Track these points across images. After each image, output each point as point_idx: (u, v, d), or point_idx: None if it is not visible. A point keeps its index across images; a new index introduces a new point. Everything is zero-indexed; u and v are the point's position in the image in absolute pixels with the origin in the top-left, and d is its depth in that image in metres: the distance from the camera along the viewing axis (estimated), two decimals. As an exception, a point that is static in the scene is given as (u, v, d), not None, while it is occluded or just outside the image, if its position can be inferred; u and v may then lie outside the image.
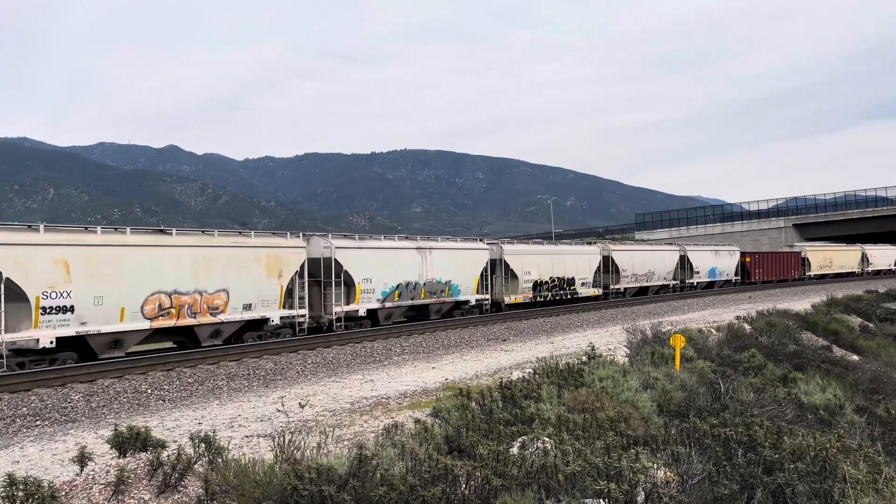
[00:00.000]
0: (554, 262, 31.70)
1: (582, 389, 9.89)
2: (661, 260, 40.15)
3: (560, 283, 31.80)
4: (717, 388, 10.98)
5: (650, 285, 39.02)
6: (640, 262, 38.15)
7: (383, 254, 23.83)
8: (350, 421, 10.02)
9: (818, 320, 25.56)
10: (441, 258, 25.68)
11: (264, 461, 6.65)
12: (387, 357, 17.47)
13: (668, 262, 40.70)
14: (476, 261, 27.46)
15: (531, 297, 30.04)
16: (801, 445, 6.74)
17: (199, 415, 11.03)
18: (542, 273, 30.65)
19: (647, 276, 38.62)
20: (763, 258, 51.17)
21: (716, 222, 77.78)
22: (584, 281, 33.53)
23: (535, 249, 31.94)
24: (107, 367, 14.81)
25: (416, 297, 24.64)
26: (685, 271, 42.39)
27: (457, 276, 26.20)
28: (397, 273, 23.75)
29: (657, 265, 39.45)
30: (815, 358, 17.70)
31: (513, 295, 29.18)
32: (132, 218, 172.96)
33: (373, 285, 22.84)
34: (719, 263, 45.74)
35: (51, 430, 10.59)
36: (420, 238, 25.92)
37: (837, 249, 61.09)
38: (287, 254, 20.28)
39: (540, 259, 30.99)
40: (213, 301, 18.13)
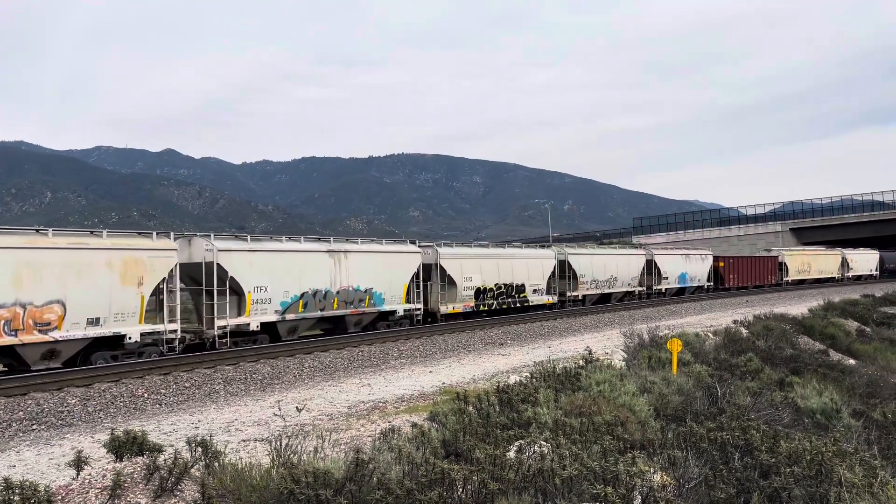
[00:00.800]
0: (500, 266, 28.93)
1: (579, 393, 9.90)
2: (625, 265, 37.22)
3: (508, 291, 29.06)
4: (713, 392, 11.00)
5: (613, 292, 36.22)
6: (601, 266, 35.31)
7: (282, 258, 20.62)
8: (347, 425, 10.01)
9: (815, 324, 25.61)
10: (360, 263, 22.60)
11: (261, 465, 6.64)
12: (384, 361, 17.46)
13: (633, 266, 37.83)
14: (405, 266, 24.39)
15: (473, 305, 27.40)
16: (797, 449, 6.75)
17: (196, 419, 11.02)
18: (485, 279, 27.99)
19: (609, 283, 35.80)
20: (738, 263, 48.76)
21: (713, 226, 77.91)
22: (537, 288, 30.71)
23: (478, 253, 28.96)
24: (104, 372, 14.78)
25: (328, 308, 21.46)
26: (652, 277, 39.61)
27: (380, 283, 23.19)
28: (301, 280, 20.70)
29: (620, 270, 36.59)
30: (811, 362, 17.73)
31: (451, 304, 26.54)
32: (129, 222, 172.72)
33: (268, 294, 19.74)
34: (690, 268, 42.95)
35: (47, 434, 10.56)
36: (334, 240, 22.94)
37: (816, 253, 59.07)
38: (150, 258, 17.14)
39: (483, 264, 28.26)
40: (42, 315, 15.08)
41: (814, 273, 56.70)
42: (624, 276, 36.92)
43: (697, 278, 43.71)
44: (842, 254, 61.11)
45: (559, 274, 32.54)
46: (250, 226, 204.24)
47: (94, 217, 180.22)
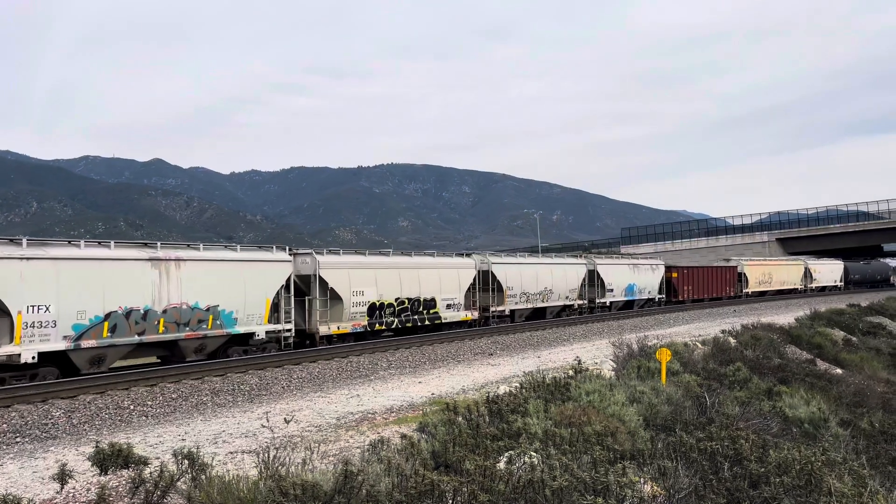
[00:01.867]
0: (404, 278, 24.80)
1: (569, 403, 9.88)
2: (562, 276, 33.49)
3: (413, 306, 25.05)
4: (702, 402, 11.02)
5: (547, 306, 32.49)
6: (532, 277, 31.50)
7: (75, 268, 16.01)
8: (336, 436, 9.94)
9: (802, 334, 25.77)
10: (199, 274, 18.15)
11: (248, 478, 6.57)
12: (373, 372, 17.38)
13: (572, 278, 34.14)
14: (267, 278, 19.95)
15: (365, 324, 23.18)
16: (786, 459, 6.76)
17: (183, 431, 10.90)
18: (383, 293, 23.81)
19: (543, 296, 32.08)
20: (693, 273, 45.26)
21: (700, 236, 78.40)
22: (451, 302, 26.77)
23: (373, 262, 24.43)
24: (89, 383, 14.61)
25: (151, 331, 17.10)
26: (595, 289, 35.96)
27: (230, 299, 18.74)
28: (107, 296, 16.29)
29: (556, 282, 32.87)
30: (799, 371, 17.83)
31: (335, 323, 22.24)
32: (116, 232, 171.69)
33: (52, 315, 15.31)
34: (639, 279, 39.47)
35: (31, 446, 10.41)
36: (162, 245, 18.50)
37: (778, 264, 56.71)
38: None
39: (380, 274, 24.01)
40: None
41: (775, 284, 54.12)
42: (560, 288, 33.18)
43: (647, 290, 40.34)
44: (805, 264, 59.02)
45: (481, 286, 28.77)
46: (238, 236, 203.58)
47: (81, 227, 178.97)
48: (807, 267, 58.61)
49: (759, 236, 74.79)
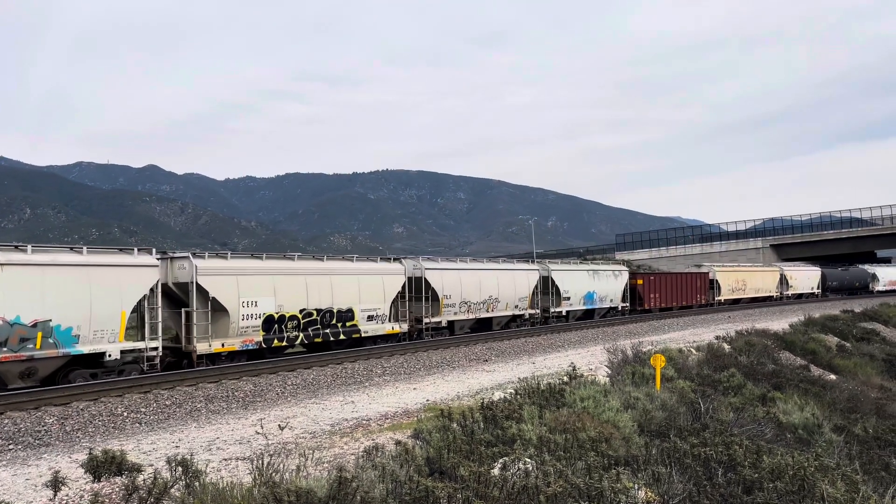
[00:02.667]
0: (313, 286, 21.24)
1: (563, 410, 9.89)
2: (510, 283, 30.18)
3: (325, 318, 21.61)
4: (697, 408, 11.04)
5: (493, 316, 29.40)
6: (474, 285, 28.17)
7: None
8: (330, 443, 9.93)
9: (796, 340, 25.85)
10: (23, 282, 15.00)
11: (242, 484, 6.55)
12: (368, 378, 17.36)
13: (522, 285, 30.87)
14: (123, 286, 16.75)
15: (259, 340, 19.70)
16: (779, 465, 6.79)
17: (177, 438, 10.87)
18: (284, 303, 20.33)
19: (488, 305, 28.90)
20: (660, 280, 42.29)
21: (695, 243, 78.65)
22: (374, 313, 23.35)
23: (271, 267, 20.57)
24: (82, 390, 14.55)
25: None
26: (550, 297, 32.93)
27: (70, 312, 15.63)
28: None
29: (504, 290, 29.64)
30: (793, 377, 17.89)
31: (220, 339, 18.80)
32: (110, 238, 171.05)
33: None
34: (599, 287, 36.30)
35: (24, 454, 10.37)
36: None
37: (752, 270, 53.85)
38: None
39: (281, 282, 20.38)
40: None
41: (749, 292, 51.31)
42: (509, 296, 29.94)
43: (609, 298, 37.14)
44: (780, 270, 56.34)
45: (414, 294, 25.71)
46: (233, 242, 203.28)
47: (75, 233, 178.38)
48: (783, 273, 56.04)
49: (753, 242, 75.07)
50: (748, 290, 51.07)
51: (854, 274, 66.42)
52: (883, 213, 70.35)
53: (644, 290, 39.96)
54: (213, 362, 18.67)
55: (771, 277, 54.78)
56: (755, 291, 51.97)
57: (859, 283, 66.46)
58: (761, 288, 52.99)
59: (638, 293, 39.68)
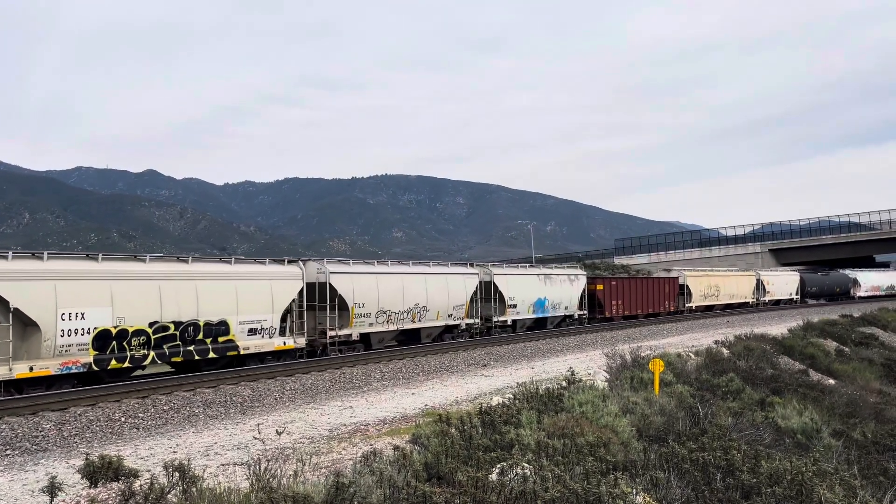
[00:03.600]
0: (168, 292, 17.50)
1: (562, 414, 9.87)
2: (442, 289, 26.31)
3: (188, 332, 17.77)
4: (695, 413, 11.03)
5: (422, 327, 25.63)
6: (395, 291, 24.24)
7: None
8: (328, 448, 9.91)
9: (795, 344, 25.84)
10: None
11: (240, 490, 6.54)
12: (366, 383, 17.34)
13: (457, 291, 27.08)
14: None
15: (88, 362, 15.82)
16: (778, 469, 6.78)
17: (174, 443, 10.85)
18: (126, 315, 16.54)
19: (414, 314, 25.04)
20: (623, 286, 38.80)
21: (694, 247, 78.71)
22: (259, 326, 19.61)
23: (108, 271, 16.71)
24: (79, 395, 14.52)
25: None
26: (493, 305, 29.12)
27: None
28: None
29: (434, 296, 25.89)
30: (792, 382, 17.87)
31: (28, 362, 14.94)
32: (109, 243, 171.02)
33: None
34: (552, 293, 32.49)
35: (21, 459, 10.34)
36: None
37: (726, 275, 50.97)
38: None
39: (121, 288, 16.61)
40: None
41: (723, 298, 48.40)
42: (440, 304, 26.19)
43: (564, 306, 33.36)
44: (757, 275, 53.53)
45: (318, 302, 21.93)
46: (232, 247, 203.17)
47: (73, 238, 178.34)
48: (759, 278, 53.16)
49: (752, 247, 75.16)
50: (722, 295, 48.14)
51: (835, 279, 63.88)
52: (882, 217, 70.43)
53: (605, 296, 36.44)
54: (20, 391, 14.80)
55: (746, 282, 51.79)
56: (729, 297, 49.11)
57: (840, 288, 63.95)
58: (736, 294, 50.07)
59: (598, 299, 36.09)
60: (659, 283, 42.04)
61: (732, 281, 50.22)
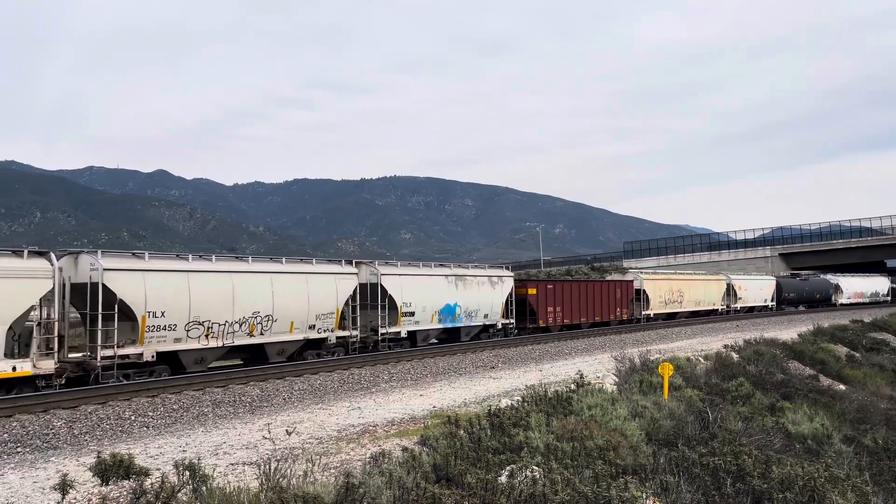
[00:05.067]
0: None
1: (571, 417, 9.85)
2: (299, 292, 20.51)
3: None
4: (705, 417, 10.98)
5: (269, 342, 19.73)
6: (221, 296, 18.43)
7: None
8: (337, 448, 9.92)
9: (805, 349, 25.69)
10: None
11: (249, 489, 6.56)
12: (374, 384, 17.35)
13: (325, 295, 21.21)
14: None
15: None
16: (789, 475, 6.74)
17: (184, 442, 10.89)
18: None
19: (252, 326, 19.02)
20: (563, 290, 33.08)
21: (703, 251, 78.45)
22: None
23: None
24: (90, 394, 14.60)
25: None
26: (382, 312, 23.22)
27: None
28: None
29: (285, 303, 20.00)
30: (802, 387, 17.76)
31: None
32: (119, 242, 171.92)
33: None
34: (467, 299, 27.12)
35: (32, 457, 10.40)
36: None
37: (692, 279, 45.74)
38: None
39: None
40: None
41: (688, 304, 43.45)
42: (296, 312, 20.38)
43: (483, 314, 27.98)
44: (728, 280, 48.92)
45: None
46: (241, 247, 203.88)
47: (84, 237, 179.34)
48: (730, 283, 48.68)
49: (762, 251, 74.81)
50: (686, 302, 43.28)
51: (815, 285, 59.68)
52: (893, 222, 69.94)
53: (539, 301, 31.34)
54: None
55: (716, 288, 47.03)
56: (695, 304, 44.24)
57: (820, 294, 59.80)
58: (703, 300, 45.27)
59: (530, 306, 30.98)
60: (609, 288, 36.72)
61: (699, 286, 45.31)
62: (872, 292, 67.42)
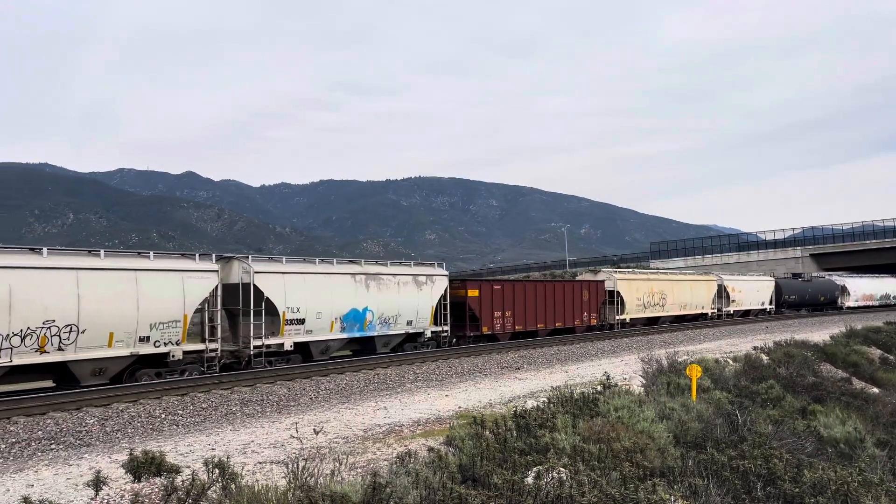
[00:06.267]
0: None
1: (597, 419, 9.79)
2: (125, 296, 16.09)
3: None
4: (734, 420, 10.84)
5: (71, 360, 15.15)
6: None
7: None
8: (363, 448, 9.98)
9: (837, 351, 25.22)
10: None
11: (277, 488, 6.62)
12: (400, 384, 17.41)
13: (164, 299, 16.90)
14: None
15: None
16: (821, 479, 6.63)
17: (213, 440, 11.03)
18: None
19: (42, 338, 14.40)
20: (513, 291, 28.23)
21: (731, 251, 77.40)
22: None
23: None
24: (121, 392, 14.86)
25: None
26: (261, 319, 19.07)
27: None
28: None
29: (97, 308, 15.51)
30: (834, 390, 17.45)
31: None
32: (149, 243, 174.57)
33: None
34: (381, 302, 22.45)
35: (65, 453, 10.62)
36: None
37: (677, 280, 41.13)
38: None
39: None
40: None
41: (672, 308, 38.47)
42: (114, 319, 15.87)
43: (406, 320, 23.38)
44: (719, 280, 44.09)
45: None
46: (268, 248, 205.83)
47: (115, 238, 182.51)
48: (722, 284, 43.94)
49: (793, 252, 73.60)
50: (669, 305, 38.27)
51: (818, 286, 54.71)
52: (929, 222, 68.39)
53: (482, 305, 26.52)
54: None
55: (705, 289, 41.93)
56: (680, 307, 39.28)
57: (825, 297, 54.92)
58: (690, 303, 40.29)
59: (471, 310, 26.16)
60: (574, 289, 31.67)
61: (684, 287, 40.34)
62: (883, 294, 62.81)
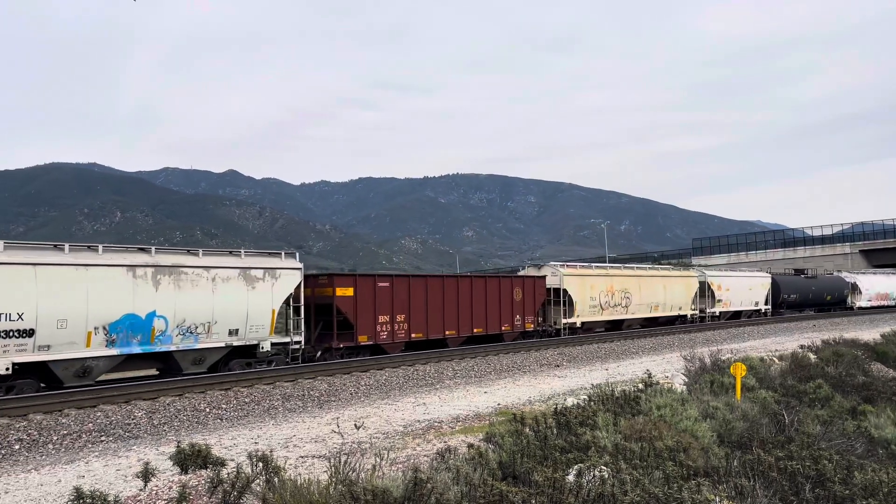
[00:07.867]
0: None
1: (639, 417, 9.67)
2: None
3: None
4: (780, 420, 10.59)
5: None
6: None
7: None
8: (403, 444, 10.04)
9: (889, 351, 24.42)
10: None
11: (319, 482, 6.70)
12: (439, 381, 17.46)
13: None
14: None
15: None
16: (873, 481, 6.44)
17: (256, 434, 11.22)
18: None
19: None
20: (409, 289, 22.24)
21: (776, 247, 75.58)
22: None
23: None
24: (169, 386, 15.22)
25: None
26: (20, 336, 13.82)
27: None
28: None
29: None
30: (885, 390, 16.90)
31: None
32: (193, 241, 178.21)
33: None
34: (186, 305, 16.49)
35: (114, 445, 10.92)
36: None
37: (645, 275, 33.61)
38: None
39: None
40: None
41: (639, 310, 32.24)
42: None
43: (227, 329, 17.26)
44: (701, 276, 37.36)
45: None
46: (308, 245, 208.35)
47: (160, 236, 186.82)
48: (705, 281, 37.31)
49: (841, 248, 71.51)
50: (636, 305, 32.01)
51: (824, 284, 47.69)
52: None
53: (358, 307, 20.58)
54: None
55: (682, 287, 35.16)
56: (650, 308, 32.91)
57: (832, 296, 48.05)
58: (663, 303, 33.67)
59: (342, 314, 20.42)
60: (501, 287, 25.52)
61: (655, 285, 33.50)
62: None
